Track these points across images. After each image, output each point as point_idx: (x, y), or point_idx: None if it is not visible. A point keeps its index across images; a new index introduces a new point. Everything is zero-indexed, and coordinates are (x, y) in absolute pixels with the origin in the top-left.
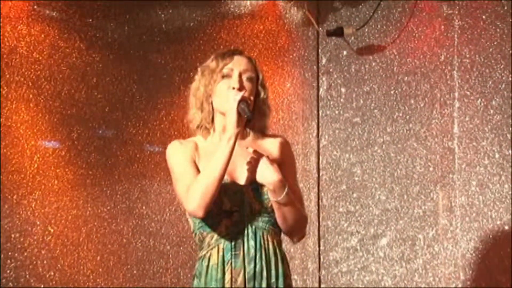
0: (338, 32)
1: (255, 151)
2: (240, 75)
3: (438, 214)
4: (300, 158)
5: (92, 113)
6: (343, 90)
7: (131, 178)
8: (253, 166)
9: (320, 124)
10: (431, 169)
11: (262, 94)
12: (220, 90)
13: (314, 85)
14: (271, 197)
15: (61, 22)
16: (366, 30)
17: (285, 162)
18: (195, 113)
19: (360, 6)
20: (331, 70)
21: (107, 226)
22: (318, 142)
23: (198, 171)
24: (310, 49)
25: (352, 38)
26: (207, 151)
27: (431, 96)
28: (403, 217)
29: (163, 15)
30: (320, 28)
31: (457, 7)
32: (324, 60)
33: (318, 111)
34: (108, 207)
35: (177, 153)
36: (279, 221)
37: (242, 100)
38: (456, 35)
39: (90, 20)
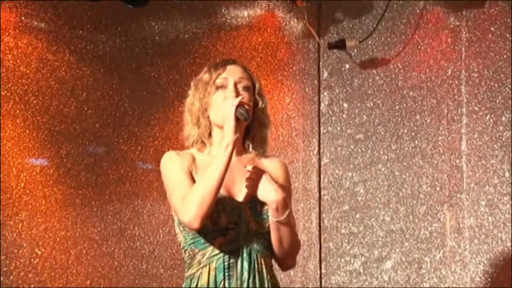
0: (340, 45)
1: (255, 167)
2: (235, 85)
3: (445, 236)
4: (301, 176)
5: (82, 130)
6: (345, 105)
7: (123, 197)
8: (253, 182)
9: (321, 141)
10: (438, 188)
11: (260, 103)
12: (215, 102)
13: (315, 100)
14: (272, 217)
15: (49, 34)
16: (370, 42)
17: (283, 186)
18: (191, 129)
19: (363, 18)
20: (332, 84)
21: (97, 248)
22: (319, 160)
23: (194, 182)
24: (311, 63)
25: (355, 51)
26: (204, 164)
27: (437, 112)
28: (409, 239)
29: (156, 27)
30: (321, 41)
31: (465, 19)
32: (325, 74)
33: (319, 128)
34: (99, 228)
35: (173, 163)
36: (275, 243)
37: (240, 105)
38: (463, 48)
39: (80, 31)
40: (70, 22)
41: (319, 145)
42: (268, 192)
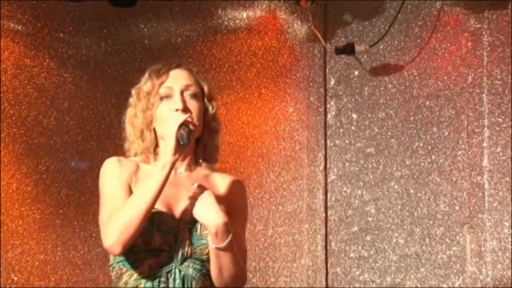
0: (348, 50)
1: (200, 186)
2: (181, 93)
3: (465, 260)
4: (305, 194)
5: (63, 142)
6: (354, 116)
7: None
8: (196, 202)
9: (327, 156)
10: (457, 208)
11: (210, 109)
12: (161, 115)
13: (321, 110)
14: (210, 243)
15: (27, 37)
16: (381, 47)
17: (234, 208)
18: (133, 143)
19: (374, 20)
20: (340, 93)
21: (80, 274)
22: (326, 176)
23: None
24: (316, 69)
25: (365, 56)
26: (147, 174)
27: (456, 124)
28: (425, 264)
29: (146, 30)
30: (328, 45)
31: (486, 21)
32: (332, 82)
33: (325, 141)
34: (81, 252)
35: (111, 172)
36: (214, 273)
37: (184, 124)
38: (485, 53)
39: (62, 34)
40: (50, 24)
41: (325, 160)
42: (208, 214)
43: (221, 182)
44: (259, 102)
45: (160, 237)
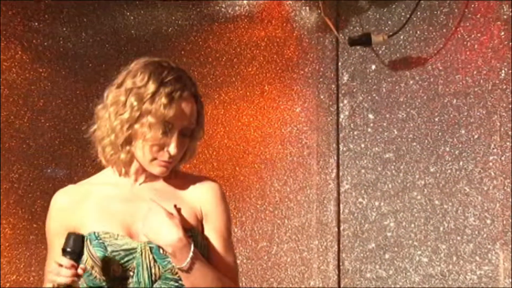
0: (364, 40)
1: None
2: (179, 132)
3: (498, 281)
4: (315, 206)
5: (38, 147)
6: (370, 116)
7: None
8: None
9: (340, 162)
10: (488, 221)
11: (199, 136)
12: (149, 146)
13: (332, 109)
14: (173, 263)
15: None
16: (402, 37)
17: (211, 216)
18: (111, 146)
19: (393, 6)
20: (354, 90)
21: None
22: (338, 185)
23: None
24: (327, 63)
25: (383, 48)
26: (107, 197)
27: (488, 125)
28: (452, 286)
29: (132, 18)
30: (341, 35)
31: None
32: (345, 77)
33: (337, 145)
34: None
35: (49, 220)
36: None
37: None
38: None
39: (36, 24)
40: (23, 13)
41: (337, 167)
42: (158, 233)
43: (189, 187)
44: (261, 100)
45: (118, 264)
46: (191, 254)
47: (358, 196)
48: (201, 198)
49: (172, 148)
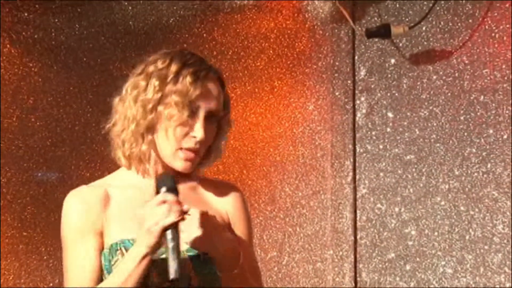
0: (383, 32)
1: (194, 208)
2: (206, 116)
3: None
4: (329, 213)
5: (28, 148)
6: (390, 115)
7: None
8: (191, 228)
9: (357, 164)
10: None
11: (227, 130)
12: (174, 134)
13: (348, 107)
14: (218, 270)
15: None
16: (424, 28)
17: (238, 222)
18: (132, 137)
19: None
20: (372, 86)
21: None
22: (355, 190)
23: (102, 248)
24: (343, 56)
25: (404, 40)
26: (127, 200)
27: None
28: None
29: (130, 8)
30: (357, 26)
31: None
32: (362, 72)
33: (354, 146)
34: (51, 284)
35: (72, 221)
36: None
37: (172, 225)
38: None
39: (26, 14)
40: (12, 3)
41: (354, 170)
42: (211, 242)
43: (214, 192)
44: (271, 97)
45: (157, 274)
46: (240, 261)
47: (377, 202)
48: (227, 203)
49: (199, 131)
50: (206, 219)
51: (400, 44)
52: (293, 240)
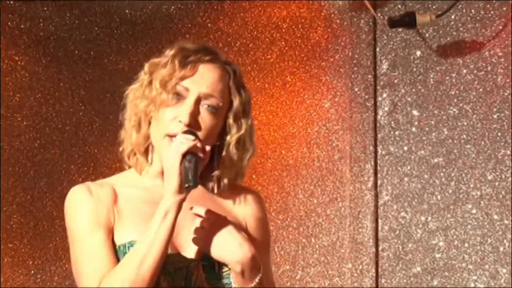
0: (407, 21)
1: (209, 212)
2: (197, 102)
3: None
4: (347, 222)
5: (14, 151)
6: (415, 113)
7: None
8: (207, 234)
9: (378, 168)
10: None
11: (234, 131)
12: (161, 117)
13: (369, 104)
14: (235, 283)
15: None
16: (453, 17)
17: (256, 233)
18: (127, 133)
19: None
20: (396, 81)
21: None
22: (376, 196)
23: (114, 243)
24: (363, 48)
25: (430, 30)
26: (132, 202)
27: None
28: None
29: None
30: (379, 14)
31: None
32: (384, 66)
33: (375, 147)
34: None
35: (82, 211)
36: None
37: (190, 152)
38: None
39: (11, 2)
40: None
41: (375, 175)
42: (228, 249)
43: (234, 199)
44: (283, 94)
45: (167, 281)
46: (260, 274)
47: (400, 210)
48: (246, 211)
49: (183, 114)
50: (221, 222)
51: (427, 35)
52: (308, 253)
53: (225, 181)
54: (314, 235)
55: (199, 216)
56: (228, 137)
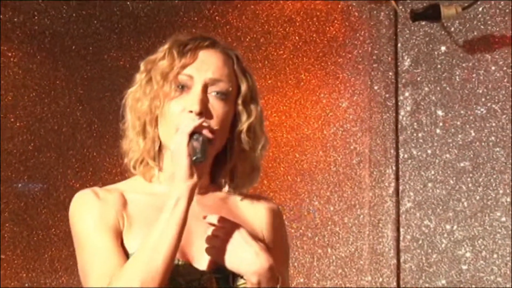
0: (431, 14)
1: (223, 219)
2: (204, 88)
3: None
4: (366, 231)
5: (7, 154)
6: (440, 113)
7: (73, 264)
8: (220, 243)
9: (400, 173)
10: None
11: (244, 118)
12: (169, 113)
13: (389, 104)
14: None
15: None
16: (480, 9)
17: (274, 244)
18: (132, 141)
19: None
20: (419, 78)
21: None
22: (398, 203)
23: (124, 249)
24: (383, 43)
25: (456, 23)
26: (143, 210)
27: None
28: None
29: None
30: (400, 7)
31: None
32: (407, 62)
33: (397, 150)
34: None
35: (88, 215)
36: None
37: (197, 132)
38: None
39: None
40: None
41: (397, 180)
42: (244, 259)
43: (249, 207)
44: (297, 92)
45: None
46: (279, 286)
47: (424, 218)
48: (264, 222)
49: (193, 103)
50: (237, 231)
51: (452, 28)
52: (324, 264)
53: (240, 176)
54: (330, 245)
55: (213, 225)
56: (238, 126)
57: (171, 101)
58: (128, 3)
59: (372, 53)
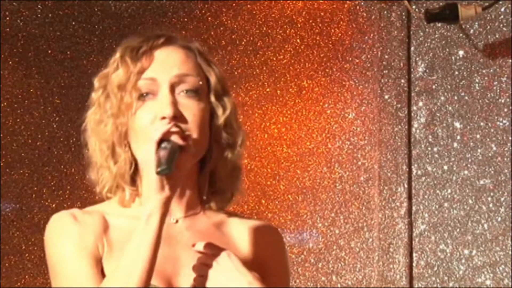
0: (448, 15)
1: (213, 247)
2: (171, 89)
3: None
4: (376, 256)
5: None
6: (457, 125)
7: None
8: (212, 272)
9: (413, 192)
10: None
11: (220, 113)
12: (139, 126)
13: (401, 115)
14: None
15: None
16: (502, 10)
17: (274, 272)
18: (102, 168)
19: None
20: (434, 86)
21: None
22: (411, 225)
23: (103, 276)
24: (394, 47)
25: (475, 25)
26: (126, 233)
27: None
28: None
29: None
30: (414, 7)
31: None
32: (420, 68)
33: (409, 166)
34: None
35: (65, 240)
36: None
37: (165, 139)
38: None
39: None
40: None
41: (409, 199)
42: (232, 285)
43: (244, 232)
44: (298, 102)
45: None
46: None
47: (440, 241)
48: (262, 249)
49: (165, 107)
50: (228, 259)
51: (471, 31)
52: None
53: (221, 179)
54: (335, 272)
55: (202, 253)
56: (215, 122)
57: (137, 112)
58: (110, 2)
59: (382, 58)
